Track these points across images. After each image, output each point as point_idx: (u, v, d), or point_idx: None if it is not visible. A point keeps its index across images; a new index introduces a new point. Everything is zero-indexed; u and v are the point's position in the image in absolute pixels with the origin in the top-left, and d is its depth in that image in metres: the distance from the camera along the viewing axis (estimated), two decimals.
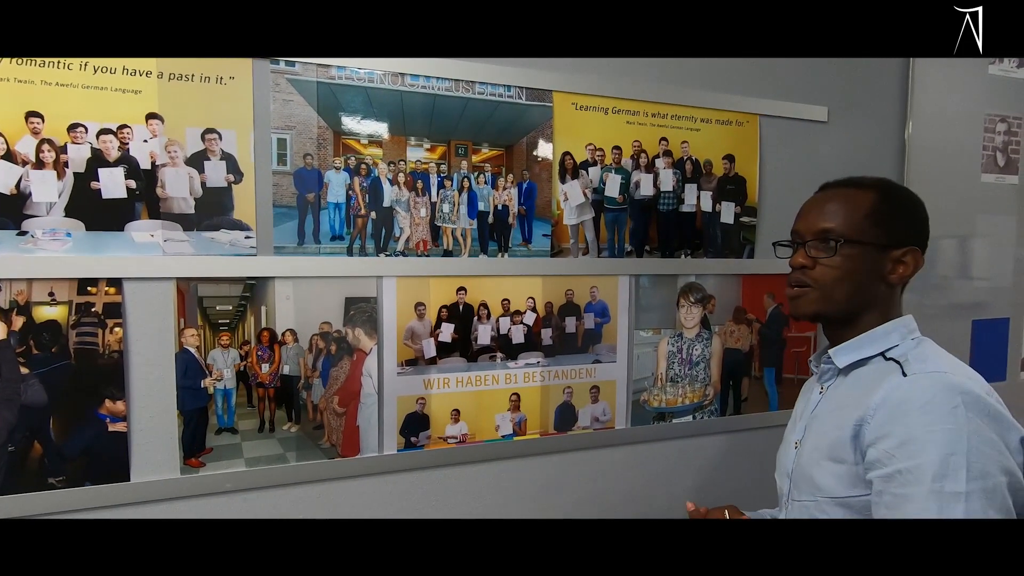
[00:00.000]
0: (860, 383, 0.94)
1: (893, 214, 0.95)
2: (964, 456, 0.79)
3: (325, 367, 1.20)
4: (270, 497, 1.17)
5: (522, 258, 1.33)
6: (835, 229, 0.94)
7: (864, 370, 0.95)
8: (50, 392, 1.02)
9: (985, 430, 0.81)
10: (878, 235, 0.94)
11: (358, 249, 1.21)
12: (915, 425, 0.82)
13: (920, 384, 0.85)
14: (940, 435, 0.80)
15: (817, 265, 0.95)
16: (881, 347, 0.94)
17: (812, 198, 1.02)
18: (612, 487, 1.46)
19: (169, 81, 1.05)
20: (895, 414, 0.84)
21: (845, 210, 0.95)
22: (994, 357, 1.91)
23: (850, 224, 0.94)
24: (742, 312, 1.56)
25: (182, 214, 1.08)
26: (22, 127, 0.98)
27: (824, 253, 0.95)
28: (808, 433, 1.00)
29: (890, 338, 0.95)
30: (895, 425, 0.84)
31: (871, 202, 0.95)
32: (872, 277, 0.95)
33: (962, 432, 0.80)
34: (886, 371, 0.91)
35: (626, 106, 1.40)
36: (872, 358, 0.95)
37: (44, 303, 1.01)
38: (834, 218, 0.95)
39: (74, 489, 1.04)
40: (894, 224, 0.95)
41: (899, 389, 0.86)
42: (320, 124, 1.16)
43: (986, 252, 1.88)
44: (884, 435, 0.85)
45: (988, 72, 1.82)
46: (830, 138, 1.62)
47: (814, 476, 0.94)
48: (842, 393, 0.96)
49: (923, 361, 0.90)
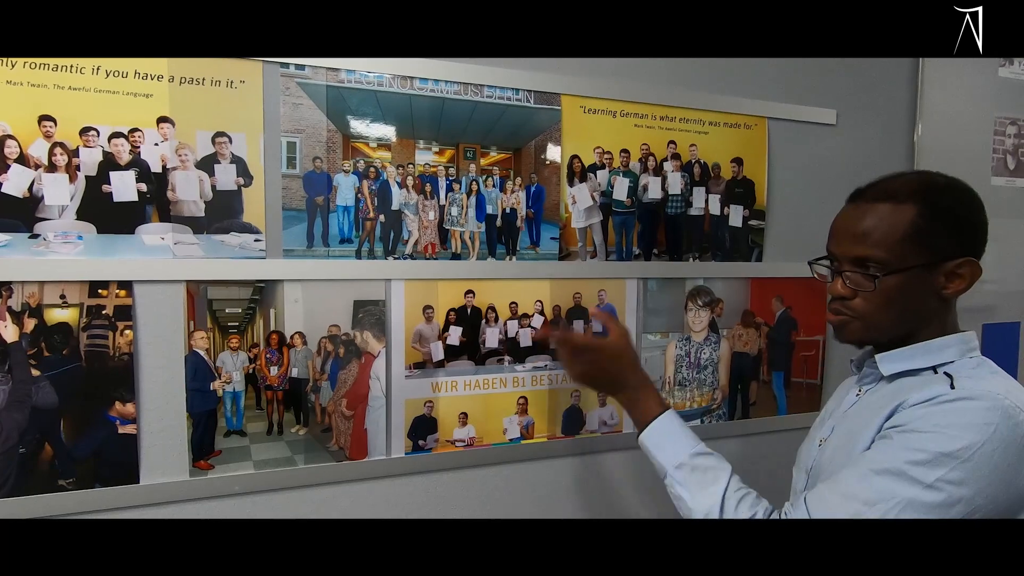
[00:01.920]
0: (902, 390, 0.87)
1: (938, 229, 0.84)
2: (957, 462, 0.74)
3: (333, 370, 1.20)
4: (278, 499, 1.17)
5: (530, 261, 1.33)
6: (873, 256, 0.84)
7: (910, 379, 0.88)
8: (60, 394, 1.02)
9: (1004, 458, 0.74)
10: (923, 255, 0.84)
11: (367, 252, 1.21)
12: (932, 421, 0.77)
13: (964, 395, 0.78)
14: (951, 440, 0.75)
15: (857, 295, 0.87)
16: (935, 361, 0.87)
17: (844, 212, 0.91)
18: (620, 491, 1.45)
19: (180, 85, 1.06)
20: (922, 410, 0.79)
21: (882, 232, 0.84)
22: (1005, 361, 1.86)
23: (890, 249, 0.84)
24: (750, 316, 1.55)
25: (192, 217, 1.09)
26: (35, 131, 0.99)
27: (864, 284, 0.85)
28: (835, 433, 0.95)
29: (945, 353, 0.87)
30: (914, 417, 0.79)
31: (910, 219, 0.84)
32: (922, 296, 0.86)
33: (975, 446, 0.74)
34: (934, 381, 0.84)
35: (634, 109, 1.40)
36: (923, 370, 0.88)
37: (55, 305, 1.02)
38: (871, 243, 0.85)
39: (84, 491, 1.04)
40: (941, 239, 0.84)
41: (940, 396, 0.79)
42: (329, 127, 1.17)
43: (996, 256, 1.83)
44: (900, 423, 0.80)
45: (998, 75, 1.82)
46: (839, 141, 1.62)
47: (832, 474, 0.89)
48: (879, 397, 0.90)
49: (977, 380, 0.82)
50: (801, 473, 1.01)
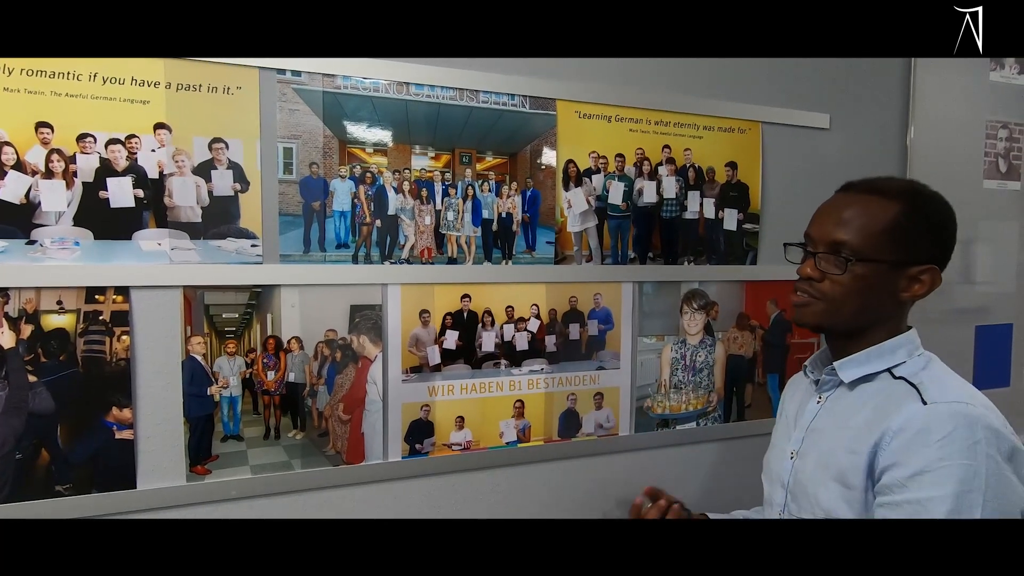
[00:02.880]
0: (869, 402, 0.90)
1: (917, 231, 0.88)
2: (981, 494, 0.77)
3: (330, 374, 1.20)
4: (275, 504, 1.17)
5: (526, 265, 1.34)
6: (849, 242, 0.88)
7: (871, 387, 0.92)
8: (57, 400, 1.02)
9: (1004, 469, 0.78)
10: (896, 252, 0.88)
11: (363, 257, 1.21)
12: (932, 457, 0.79)
13: (940, 414, 0.82)
14: (958, 470, 0.78)
15: (826, 278, 0.90)
16: (887, 363, 0.91)
17: (831, 199, 0.95)
18: (616, 494, 1.46)
19: (177, 91, 1.06)
20: (913, 444, 0.81)
21: (863, 221, 0.88)
22: (997, 363, 1.91)
23: (866, 238, 0.87)
24: (745, 318, 1.56)
25: (189, 223, 1.09)
26: (32, 137, 0.99)
27: (835, 268, 0.89)
28: (809, 447, 0.96)
29: (896, 355, 0.91)
30: (911, 455, 0.81)
31: (893, 216, 0.88)
32: (883, 294, 0.90)
33: (980, 469, 0.77)
34: (900, 394, 0.87)
35: (629, 114, 1.40)
36: (878, 374, 0.92)
37: (52, 311, 1.02)
38: (850, 229, 0.88)
39: (81, 496, 1.04)
40: (916, 242, 0.88)
41: (918, 418, 0.82)
42: (326, 133, 1.17)
43: (989, 258, 1.88)
44: (898, 463, 0.82)
45: (989, 79, 1.83)
46: (832, 144, 1.63)
47: (819, 496, 0.91)
48: (846, 408, 0.93)
49: (940, 387, 0.86)
50: (776, 487, 1.02)
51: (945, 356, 0.97)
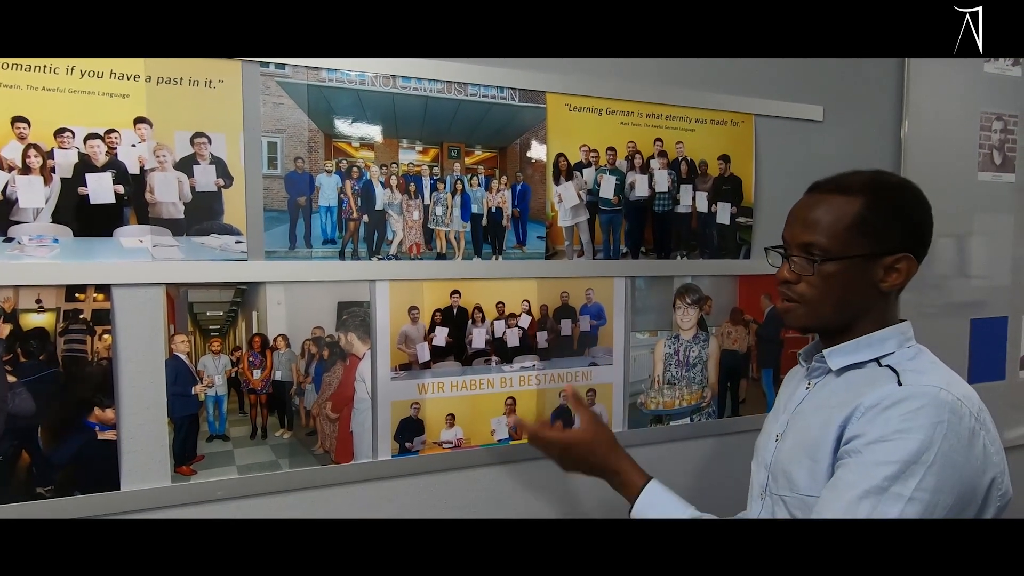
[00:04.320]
0: (851, 385, 0.92)
1: (882, 221, 0.89)
2: (925, 467, 0.78)
3: (318, 372, 1.19)
4: (262, 504, 1.15)
5: (517, 260, 1.32)
6: (817, 243, 0.90)
7: (857, 373, 0.93)
8: (38, 400, 1.00)
9: (958, 454, 0.80)
10: (865, 245, 0.89)
11: (350, 253, 1.19)
12: (891, 427, 0.81)
13: (912, 394, 0.83)
14: (911, 443, 0.79)
15: (801, 280, 0.92)
16: (876, 353, 0.92)
17: (799, 202, 0.97)
18: (609, 490, 1.44)
19: (157, 85, 1.04)
20: (878, 416, 0.83)
21: (828, 220, 0.89)
22: (993, 356, 1.90)
23: (833, 237, 0.89)
24: (739, 313, 1.55)
25: (171, 219, 1.07)
26: (8, 132, 0.97)
27: (806, 269, 0.91)
28: (790, 428, 0.98)
29: (886, 345, 0.92)
30: (874, 425, 0.82)
31: (856, 210, 0.89)
32: (862, 287, 0.91)
33: (934, 447, 0.78)
34: (881, 377, 0.89)
35: (620, 107, 1.39)
36: (867, 363, 0.92)
37: (31, 310, 1.00)
38: (817, 230, 0.90)
39: (63, 498, 1.03)
40: (883, 232, 0.89)
41: (891, 397, 0.84)
42: (311, 127, 1.15)
43: (984, 251, 1.87)
44: (861, 433, 0.83)
45: (984, 71, 1.82)
46: (826, 137, 1.62)
47: (791, 472, 0.92)
48: (830, 392, 0.94)
49: (920, 373, 0.87)
50: (760, 469, 1.04)
51: (940, 350, 0.96)
